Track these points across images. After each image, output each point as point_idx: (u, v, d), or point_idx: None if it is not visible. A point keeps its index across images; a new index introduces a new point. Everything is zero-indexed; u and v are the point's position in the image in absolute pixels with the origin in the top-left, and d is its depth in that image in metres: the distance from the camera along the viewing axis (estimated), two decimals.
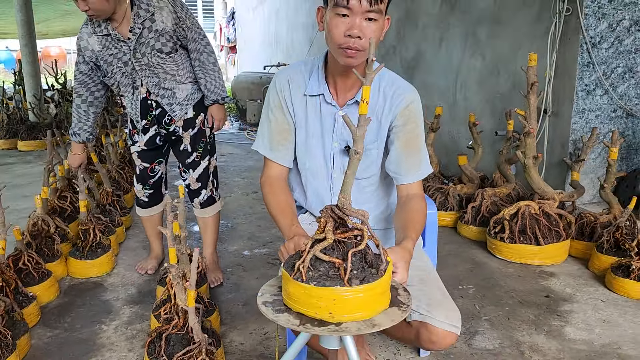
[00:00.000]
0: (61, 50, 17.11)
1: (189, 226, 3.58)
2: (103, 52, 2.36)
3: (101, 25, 2.33)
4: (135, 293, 2.61)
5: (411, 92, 1.58)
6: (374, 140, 1.59)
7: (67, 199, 3.31)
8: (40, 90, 6.69)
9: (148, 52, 2.35)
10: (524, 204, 3.02)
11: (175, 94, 2.46)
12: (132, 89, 2.44)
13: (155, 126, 2.53)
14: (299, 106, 1.61)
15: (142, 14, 2.32)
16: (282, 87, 1.61)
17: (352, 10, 1.35)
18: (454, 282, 2.71)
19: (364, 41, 1.39)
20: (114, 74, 2.41)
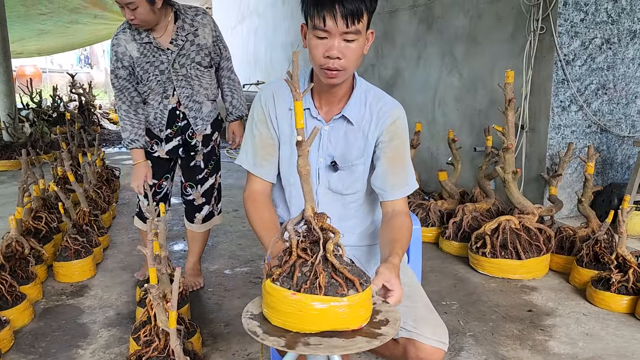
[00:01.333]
0: (36, 70, 16.90)
1: (170, 245, 3.52)
2: (141, 59, 2.42)
3: (142, 34, 2.40)
4: (113, 315, 2.54)
5: (397, 108, 1.58)
6: (360, 156, 1.59)
7: (42, 219, 3.23)
8: (14, 109, 6.57)
9: (188, 63, 2.46)
10: (504, 218, 3.04)
11: (202, 108, 2.57)
12: (162, 98, 2.50)
13: (179, 137, 2.60)
14: (284, 120, 1.59)
15: (186, 28, 2.44)
16: (266, 102, 1.60)
17: (330, 32, 1.36)
18: (438, 298, 2.70)
19: (344, 61, 1.39)
20: (149, 81, 2.46)
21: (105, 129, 9.07)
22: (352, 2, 1.33)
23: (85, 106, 8.69)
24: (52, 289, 2.84)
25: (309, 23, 1.39)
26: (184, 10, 2.47)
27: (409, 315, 1.43)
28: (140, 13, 2.27)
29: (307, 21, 1.41)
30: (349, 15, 1.33)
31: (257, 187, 1.61)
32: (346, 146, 1.58)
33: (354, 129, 1.57)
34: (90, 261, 3.00)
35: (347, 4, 1.32)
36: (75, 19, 9.25)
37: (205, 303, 2.67)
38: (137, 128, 2.54)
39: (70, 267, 2.90)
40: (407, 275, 1.65)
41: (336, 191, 1.62)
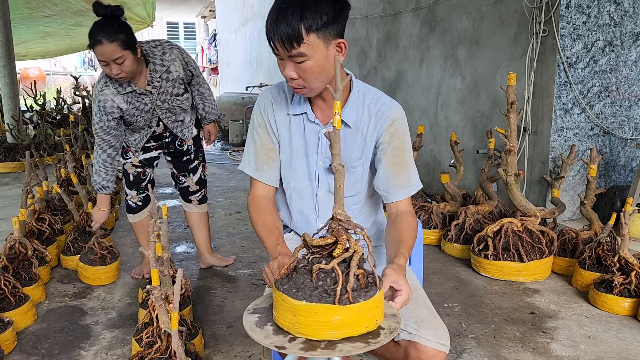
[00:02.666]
0: (40, 72, 16.95)
1: (172, 247, 3.53)
2: (129, 108, 2.56)
3: (123, 85, 2.51)
4: (115, 317, 2.55)
5: (396, 108, 1.58)
6: (358, 158, 1.59)
7: (45, 221, 3.24)
8: (18, 111, 6.60)
9: (168, 98, 2.64)
10: (506, 221, 3.04)
11: (184, 121, 2.81)
12: (148, 128, 2.70)
13: (160, 150, 2.87)
14: (283, 125, 1.60)
15: (158, 69, 2.56)
16: (265, 107, 1.62)
17: (279, 55, 1.41)
18: (440, 301, 2.70)
19: (301, 80, 1.42)
20: (137, 122, 2.63)
21: None
22: (287, 27, 1.33)
23: (88, 108, 8.70)
24: (55, 291, 2.85)
25: None
26: (152, 53, 2.55)
27: (410, 317, 1.43)
28: (126, 66, 2.37)
29: None
30: (286, 40, 1.34)
31: (260, 192, 1.62)
32: (345, 148, 1.58)
33: (352, 131, 1.57)
34: (115, 267, 3.00)
35: (282, 29, 1.33)
36: (79, 21, 9.28)
37: (207, 304, 2.68)
38: (111, 175, 2.74)
39: (94, 271, 2.91)
40: (409, 277, 1.65)
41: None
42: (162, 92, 2.61)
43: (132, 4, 8.75)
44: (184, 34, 19.45)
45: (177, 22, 19.20)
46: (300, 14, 1.33)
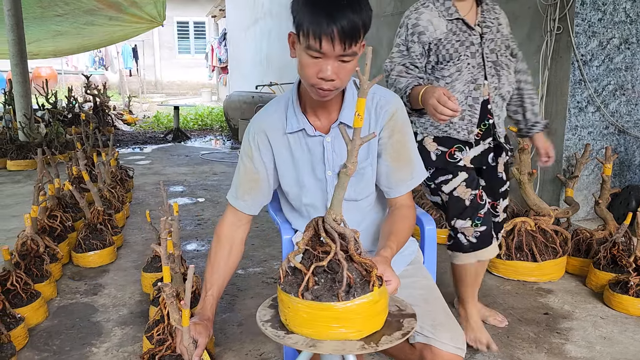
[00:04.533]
0: (52, 71, 17.07)
1: (183, 245, 3.53)
2: (449, 37, 2.01)
3: (450, 9, 2.05)
4: (126, 314, 2.55)
5: (394, 100, 1.53)
6: (365, 158, 1.54)
7: (57, 218, 3.25)
8: (30, 110, 6.64)
9: (497, 49, 2.07)
10: (520, 220, 3.00)
11: (503, 108, 2.19)
12: (471, 88, 2.05)
13: (489, 139, 2.16)
14: (282, 147, 1.54)
15: (491, 14, 2.11)
16: (255, 134, 1.54)
17: (325, 54, 1.29)
18: (452, 300, 2.67)
19: (337, 82, 1.34)
20: (459, 61, 2.01)
21: (119, 130, 9.14)
22: (350, 25, 1.24)
23: (99, 107, 8.77)
24: (66, 288, 2.86)
25: (302, 39, 1.29)
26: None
27: (426, 319, 1.40)
28: None
29: (299, 35, 1.30)
30: (347, 39, 1.25)
31: (230, 219, 1.59)
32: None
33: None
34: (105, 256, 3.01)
35: (345, 27, 1.24)
36: (90, 20, 9.34)
37: (218, 303, 2.66)
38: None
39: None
40: (425, 278, 1.63)
41: (350, 199, 1.57)
42: (492, 40, 2.06)
43: (143, 3, 8.79)
44: (194, 33, 19.52)
45: (187, 22, 19.27)
46: (358, 9, 1.26)
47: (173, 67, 19.36)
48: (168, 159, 6.80)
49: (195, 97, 16.82)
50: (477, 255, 2.17)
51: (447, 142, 2.11)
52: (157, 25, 10.38)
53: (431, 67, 2.07)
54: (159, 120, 10.45)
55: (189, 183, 5.35)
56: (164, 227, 1.89)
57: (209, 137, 8.91)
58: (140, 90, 15.36)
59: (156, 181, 5.38)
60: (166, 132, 8.77)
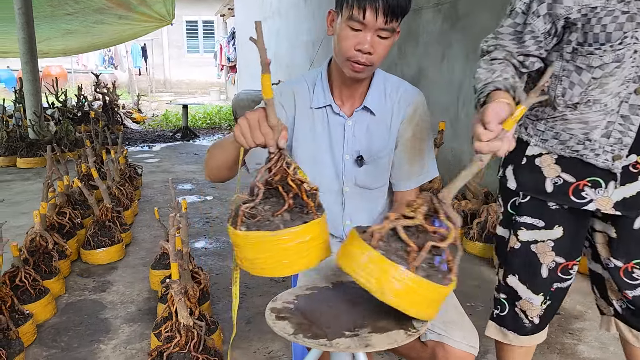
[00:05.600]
0: (62, 70, 17.16)
1: (191, 242, 3.52)
2: (610, 4, 1.22)
3: None
4: (134, 311, 2.54)
5: (417, 95, 1.54)
6: (384, 148, 1.54)
7: (66, 215, 3.26)
8: (40, 108, 6.67)
9: None
10: None
11: None
12: (633, 88, 1.30)
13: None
14: (306, 119, 1.55)
15: None
16: (282, 94, 1.54)
17: (366, 25, 1.32)
18: (462, 299, 2.62)
19: (374, 56, 1.36)
20: (622, 45, 1.24)
21: (128, 128, 9.17)
22: (395, 1, 1.29)
23: (109, 105, 8.80)
24: (74, 284, 2.86)
25: (344, 12, 1.34)
26: None
27: (438, 317, 1.38)
28: None
29: (342, 9, 1.36)
30: (392, 12, 1.30)
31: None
32: (370, 139, 1.54)
33: (377, 119, 1.53)
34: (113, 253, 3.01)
35: (391, 0, 1.29)
36: (100, 19, 9.38)
37: (226, 300, 2.66)
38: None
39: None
40: None
41: (363, 186, 1.57)
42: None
43: (152, 2, 8.81)
44: (202, 32, 19.56)
45: (196, 20, 19.32)
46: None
47: (182, 66, 19.41)
48: (177, 157, 6.81)
49: (204, 96, 16.85)
50: (531, 338, 1.60)
51: (576, 169, 1.39)
52: (166, 24, 10.41)
53: (571, 51, 1.31)
54: (168, 119, 10.48)
55: (197, 181, 5.35)
56: (172, 224, 1.88)
57: (217, 135, 8.92)
58: (149, 89, 15.41)
59: (165, 179, 5.39)
60: (175, 130, 8.78)
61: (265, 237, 1.01)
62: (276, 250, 1.03)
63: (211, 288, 2.75)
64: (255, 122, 1.07)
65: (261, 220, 1.03)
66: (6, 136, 6.33)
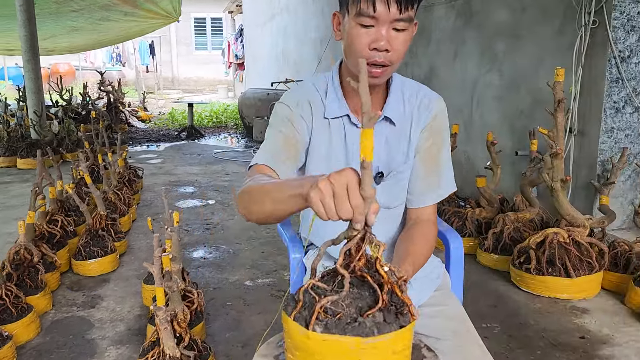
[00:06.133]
0: (70, 67, 17.12)
1: (189, 252, 3.35)
2: None
3: None
4: (124, 331, 2.37)
5: (438, 100, 1.37)
6: (404, 161, 1.36)
7: (57, 223, 3.10)
8: (41, 106, 6.53)
9: None
10: (551, 231, 2.75)
11: None
12: None
13: None
14: (321, 131, 1.35)
15: None
16: (300, 102, 1.34)
17: (378, 19, 1.14)
18: (477, 320, 2.42)
19: (392, 54, 1.18)
20: None
21: (133, 127, 9.03)
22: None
23: (113, 104, 8.66)
24: (63, 299, 2.69)
25: (351, 9, 1.17)
26: None
27: (457, 357, 1.20)
28: None
29: (348, 7, 1.18)
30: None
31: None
32: (389, 152, 1.36)
33: (396, 130, 1.35)
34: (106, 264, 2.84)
35: None
36: (106, 16, 9.24)
37: (222, 319, 2.47)
38: None
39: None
40: (453, 306, 1.41)
41: (383, 206, 1.37)
42: None
43: None
44: (211, 29, 19.41)
45: (204, 17, 19.17)
46: None
47: (190, 63, 19.29)
48: (180, 157, 6.65)
49: (212, 94, 16.71)
50: None
51: None
52: (172, 21, 10.26)
53: None
54: (174, 117, 10.33)
55: (200, 184, 5.18)
56: (156, 245, 1.69)
57: (223, 134, 8.75)
58: (157, 87, 15.28)
59: (166, 181, 5.22)
60: (180, 129, 8.63)
61: (356, 344, 0.74)
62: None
63: (207, 304, 2.57)
64: (344, 190, 0.79)
65: (343, 318, 0.77)
66: (6, 136, 6.19)
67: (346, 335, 0.74)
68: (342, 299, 0.78)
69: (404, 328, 0.77)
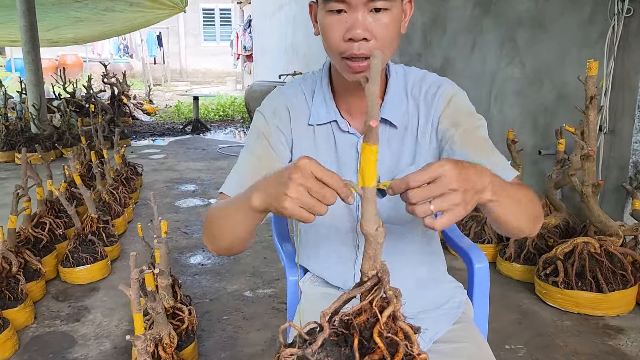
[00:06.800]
0: (77, 59, 16.95)
1: (187, 257, 3.13)
2: None
3: None
4: (108, 349, 2.15)
5: (447, 85, 1.14)
6: (410, 163, 1.12)
7: (45, 226, 2.89)
8: (41, 99, 6.33)
9: None
10: (581, 240, 2.50)
11: None
12: None
13: None
14: (304, 140, 1.14)
15: None
16: (274, 112, 1.14)
17: (349, 2, 0.93)
18: (500, 340, 2.20)
19: (374, 43, 0.95)
20: None
21: (137, 120, 8.82)
22: None
23: (117, 97, 8.45)
24: (46, 311, 2.48)
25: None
26: None
27: None
28: None
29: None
30: None
31: None
32: (392, 158, 1.12)
33: (399, 132, 1.12)
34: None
35: None
36: (110, 6, 9.04)
37: (218, 336, 2.25)
38: None
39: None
40: (476, 342, 1.18)
41: (388, 222, 1.14)
42: None
43: None
44: (219, 20, 19.16)
45: (213, 8, 18.91)
46: None
47: (198, 55, 19.05)
48: (184, 152, 6.43)
49: (220, 86, 16.49)
50: None
51: None
52: (179, 11, 10.04)
53: None
54: (180, 111, 10.11)
55: (203, 181, 4.96)
56: (133, 265, 1.47)
57: (229, 128, 8.53)
58: (164, 79, 15.08)
59: (168, 178, 5.00)
60: (185, 123, 8.41)
61: None
62: None
63: (201, 319, 2.36)
64: (314, 180, 0.74)
65: None
66: (5, 130, 6.00)
67: None
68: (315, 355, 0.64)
69: None
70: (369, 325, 0.70)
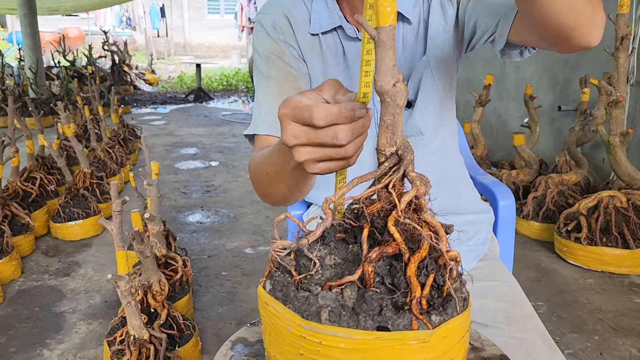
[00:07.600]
0: (80, 32, 16.71)
1: (185, 215, 2.98)
2: None
3: None
4: (98, 303, 2.01)
5: None
6: (420, 55, 0.96)
7: (36, 180, 2.74)
8: (38, 63, 6.15)
9: None
10: (606, 194, 2.32)
11: None
12: None
13: None
14: (310, 48, 0.98)
15: None
16: (274, 25, 0.96)
17: None
18: None
19: None
20: None
21: (139, 90, 8.63)
22: None
23: (117, 64, 8.26)
24: (35, 265, 2.34)
25: None
26: None
27: (517, 350, 0.85)
28: None
29: None
30: None
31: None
32: (411, 59, 0.96)
33: (413, 28, 0.95)
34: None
35: None
36: None
37: (216, 291, 2.10)
38: None
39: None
40: (506, 281, 1.03)
41: (412, 134, 1.00)
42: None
43: None
44: None
45: None
46: None
47: (202, 29, 18.72)
48: (185, 119, 6.25)
49: (225, 60, 16.22)
50: None
51: None
52: None
53: None
54: (183, 81, 9.90)
55: (204, 145, 4.79)
56: (115, 195, 1.31)
57: (233, 97, 8.32)
58: (167, 52, 14.83)
59: (168, 142, 4.84)
60: (188, 92, 8.21)
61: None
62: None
63: (198, 275, 2.21)
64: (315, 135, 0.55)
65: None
66: (1, 94, 5.83)
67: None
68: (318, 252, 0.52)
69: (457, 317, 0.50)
70: (384, 215, 0.53)
